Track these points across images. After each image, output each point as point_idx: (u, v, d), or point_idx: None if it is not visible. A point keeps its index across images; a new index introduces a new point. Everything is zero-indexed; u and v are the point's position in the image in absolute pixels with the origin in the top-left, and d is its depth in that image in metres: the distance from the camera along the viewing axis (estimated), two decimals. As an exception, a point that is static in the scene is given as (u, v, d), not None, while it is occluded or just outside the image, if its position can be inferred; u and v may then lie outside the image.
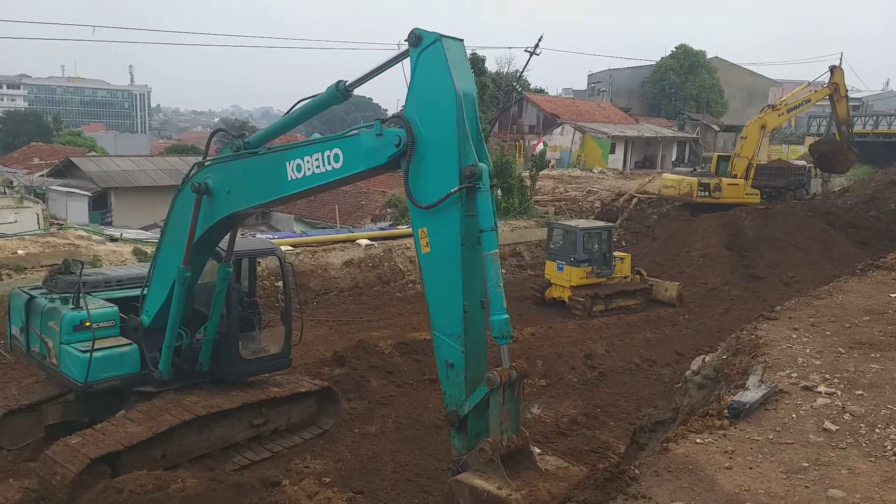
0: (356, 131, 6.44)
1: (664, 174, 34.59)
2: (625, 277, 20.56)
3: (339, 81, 6.73)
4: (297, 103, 7.44)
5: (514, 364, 6.00)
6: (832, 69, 29.19)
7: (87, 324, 9.03)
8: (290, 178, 6.99)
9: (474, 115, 5.71)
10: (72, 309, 9.17)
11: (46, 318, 9.45)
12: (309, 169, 6.78)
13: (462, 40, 5.85)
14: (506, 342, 5.77)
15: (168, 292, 9.11)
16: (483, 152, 5.76)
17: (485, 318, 5.91)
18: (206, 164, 8.39)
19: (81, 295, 9.19)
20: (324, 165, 6.63)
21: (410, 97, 5.82)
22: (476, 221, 5.64)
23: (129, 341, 9.39)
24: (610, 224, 22.32)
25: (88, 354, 8.84)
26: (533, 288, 20.82)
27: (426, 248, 5.89)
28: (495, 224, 5.67)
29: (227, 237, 9.24)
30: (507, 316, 5.74)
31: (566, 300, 19.52)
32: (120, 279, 10.26)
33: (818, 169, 33.84)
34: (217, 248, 9.35)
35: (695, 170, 39.82)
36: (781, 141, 57.49)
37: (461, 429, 5.91)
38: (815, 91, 29.76)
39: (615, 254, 20.47)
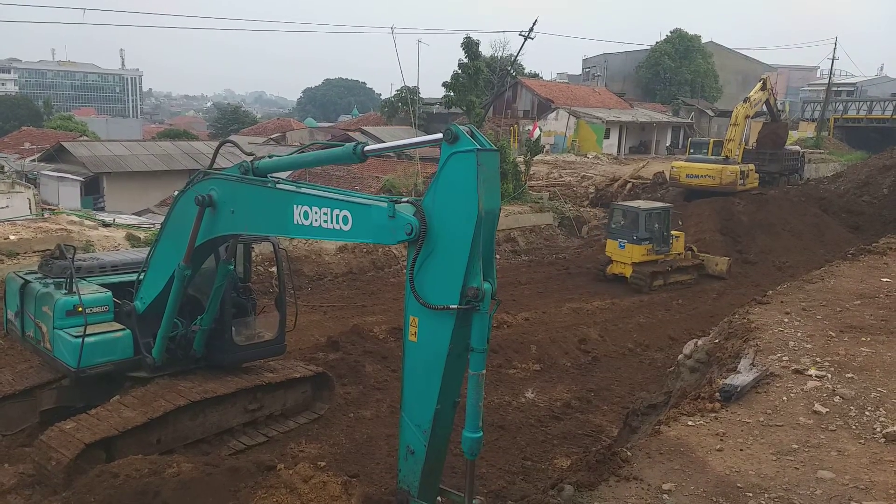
0: (369, 201, 6.23)
1: (674, 161, 33.17)
2: (678, 254, 21.80)
3: (358, 144, 6.53)
4: (312, 144, 7.34)
5: (478, 498, 5.99)
6: (764, 79, 32.47)
7: (80, 309, 9.02)
8: (295, 222, 6.75)
9: (492, 232, 5.52)
10: (65, 294, 9.15)
11: (40, 303, 9.42)
12: (316, 221, 6.53)
13: (497, 152, 5.63)
14: (474, 458, 5.74)
15: (164, 283, 9.08)
16: (491, 271, 5.54)
17: (454, 416, 5.88)
18: (212, 175, 8.21)
19: (74, 280, 9.17)
20: (332, 223, 6.41)
21: (433, 191, 5.55)
22: (469, 333, 5.50)
23: (122, 327, 9.37)
24: (668, 205, 23.02)
25: (80, 339, 8.83)
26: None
27: (413, 337, 5.73)
28: (487, 346, 5.51)
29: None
30: (481, 434, 5.66)
31: (627, 276, 20.78)
32: (115, 264, 10.23)
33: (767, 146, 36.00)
34: None
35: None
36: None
37: None
38: (762, 92, 31.71)
39: (672, 233, 21.65)
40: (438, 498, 6.15)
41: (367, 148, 6.44)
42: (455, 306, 5.37)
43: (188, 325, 9.70)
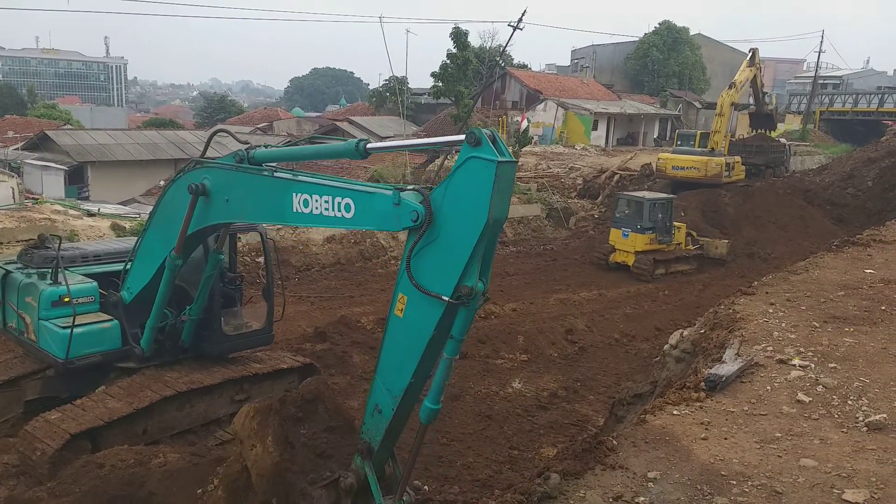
0: (372, 189, 6.19)
1: (661, 153, 33.27)
2: (678, 244, 22.13)
3: (361, 141, 6.55)
4: (312, 138, 7.39)
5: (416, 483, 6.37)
6: (753, 51, 31.56)
7: (67, 299, 8.93)
8: (294, 210, 6.68)
9: (495, 238, 5.63)
10: (50, 284, 9.06)
11: (24, 294, 9.31)
12: (317, 209, 6.47)
13: (515, 163, 5.66)
14: (427, 424, 5.97)
15: (152, 274, 9.00)
16: (487, 271, 5.65)
17: (423, 387, 6.02)
18: (205, 164, 8.10)
19: (61, 270, 9.07)
20: (333, 211, 6.35)
21: (445, 187, 5.56)
22: (452, 322, 5.61)
23: (110, 317, 9.30)
24: (672, 195, 23.44)
25: (69, 330, 8.72)
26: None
27: (399, 313, 5.83)
28: (465, 336, 5.69)
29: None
30: (439, 407, 5.93)
31: (630, 265, 21.17)
32: (97, 254, 10.12)
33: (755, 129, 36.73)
34: None
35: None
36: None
37: (367, 457, 6.18)
38: (749, 69, 31.24)
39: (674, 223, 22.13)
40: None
41: (369, 145, 6.40)
42: (447, 298, 5.43)
43: (177, 316, 9.63)
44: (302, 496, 6.12)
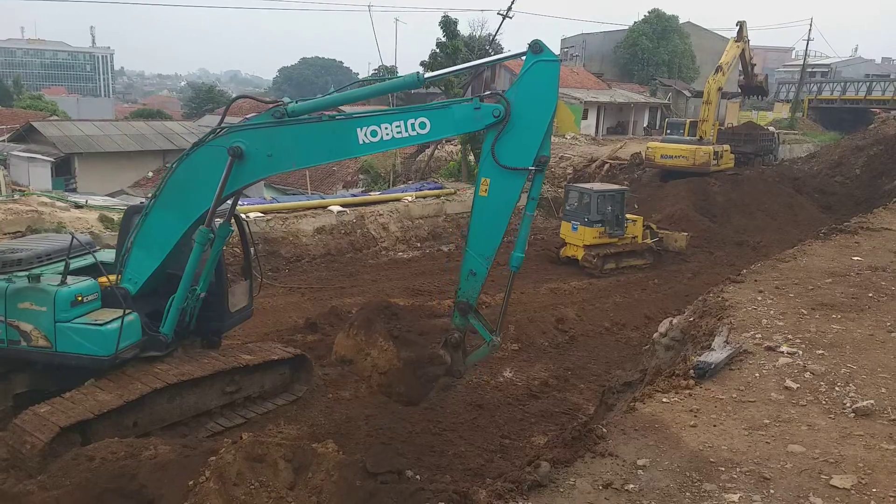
0: (447, 104, 7.62)
1: (650, 142, 32.88)
2: (634, 238, 21.36)
3: (419, 73, 7.81)
4: (352, 84, 8.70)
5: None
6: (740, 25, 30.69)
7: (80, 298, 8.86)
8: (361, 142, 7.71)
9: (553, 120, 7.44)
10: (60, 285, 8.85)
11: (16, 300, 8.90)
12: (387, 135, 7.61)
13: (560, 61, 7.49)
14: (516, 270, 7.88)
15: (163, 256, 9.01)
16: (549, 146, 7.50)
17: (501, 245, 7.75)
18: (230, 129, 8.31)
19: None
20: (406, 132, 7.57)
21: (517, 87, 7.36)
22: (530, 187, 7.61)
23: (131, 310, 9.14)
24: (624, 188, 22.82)
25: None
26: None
27: (484, 193, 7.54)
28: (538, 196, 7.73)
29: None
30: (524, 255, 7.86)
31: (580, 259, 20.54)
32: (48, 253, 9.58)
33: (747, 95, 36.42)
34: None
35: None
36: (751, 107, 57.98)
37: (468, 312, 7.82)
38: (737, 44, 30.48)
39: (628, 216, 21.28)
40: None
41: (427, 74, 7.88)
42: (532, 167, 7.41)
43: (196, 296, 9.69)
44: (431, 361, 7.77)
